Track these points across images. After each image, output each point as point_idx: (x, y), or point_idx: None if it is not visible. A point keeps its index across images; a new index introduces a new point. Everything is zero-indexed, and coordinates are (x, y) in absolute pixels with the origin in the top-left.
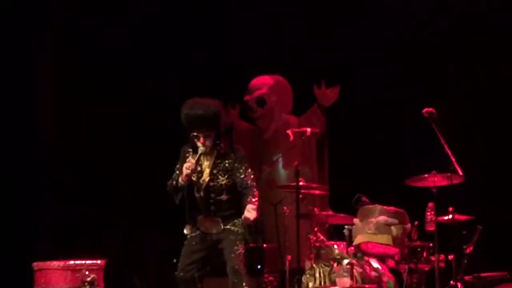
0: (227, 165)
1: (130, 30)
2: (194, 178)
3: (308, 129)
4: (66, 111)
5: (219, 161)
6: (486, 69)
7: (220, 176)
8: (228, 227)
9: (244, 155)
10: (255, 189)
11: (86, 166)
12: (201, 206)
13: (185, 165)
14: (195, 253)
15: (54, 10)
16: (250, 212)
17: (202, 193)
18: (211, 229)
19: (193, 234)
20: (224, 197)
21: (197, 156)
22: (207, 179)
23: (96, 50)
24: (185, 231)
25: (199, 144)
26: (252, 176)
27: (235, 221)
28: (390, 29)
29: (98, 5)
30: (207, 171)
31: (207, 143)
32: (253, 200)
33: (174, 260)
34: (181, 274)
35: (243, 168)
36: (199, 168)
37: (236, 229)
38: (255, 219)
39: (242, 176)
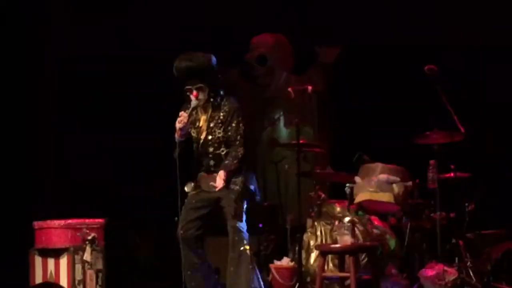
0: (222, 117)
1: None
2: (193, 134)
3: (309, 87)
4: None
5: (215, 114)
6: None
7: (216, 129)
8: (228, 185)
9: (237, 107)
10: (240, 148)
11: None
12: (201, 162)
13: (177, 119)
14: (195, 211)
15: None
16: (217, 181)
17: (201, 149)
18: (211, 187)
19: (193, 192)
20: (222, 150)
21: (190, 110)
22: (204, 133)
23: None
24: (185, 189)
25: (192, 97)
26: (242, 132)
27: (235, 179)
28: None
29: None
30: (204, 125)
31: (200, 96)
32: (229, 165)
33: (176, 219)
34: (181, 232)
35: (235, 122)
36: (197, 124)
37: (236, 187)
38: (225, 182)
39: (233, 131)
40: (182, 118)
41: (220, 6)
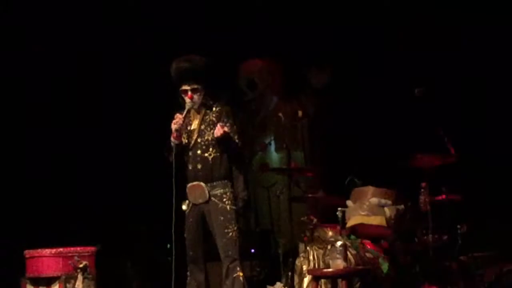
0: (214, 119)
1: None
2: (184, 139)
3: (300, 111)
4: None
5: (206, 116)
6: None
7: (206, 131)
8: (215, 200)
9: (230, 109)
10: (237, 141)
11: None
12: (189, 169)
13: (173, 121)
14: (197, 228)
15: None
16: (217, 129)
17: (190, 153)
18: (197, 198)
19: (188, 210)
20: (210, 154)
21: (185, 111)
22: (195, 136)
23: None
24: (183, 207)
25: (186, 99)
26: (237, 135)
27: (223, 194)
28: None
29: None
30: (195, 129)
31: (195, 98)
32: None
33: (168, 246)
34: (191, 253)
35: (230, 122)
36: (188, 127)
37: (224, 206)
38: (223, 135)
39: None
40: (177, 119)
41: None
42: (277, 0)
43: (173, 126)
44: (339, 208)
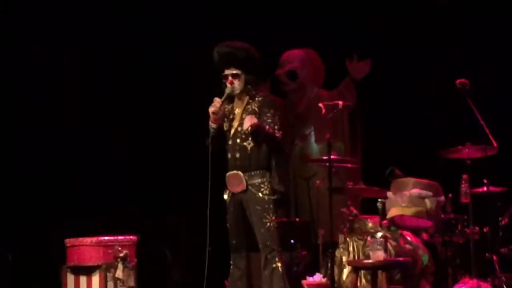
0: (256, 108)
1: None
2: (225, 128)
3: (340, 102)
4: None
5: (249, 105)
6: None
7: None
8: (253, 190)
9: (275, 100)
10: (277, 130)
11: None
12: (228, 157)
13: (212, 104)
14: (236, 219)
15: None
16: (246, 121)
17: (230, 141)
18: (236, 187)
19: (228, 199)
20: (249, 142)
21: (224, 96)
22: (236, 125)
23: None
24: (224, 197)
25: (227, 84)
26: (278, 125)
27: (261, 184)
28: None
29: None
30: (237, 117)
31: (236, 83)
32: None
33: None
34: (233, 242)
35: (271, 112)
36: (231, 116)
37: (262, 196)
38: (255, 126)
39: (269, 120)
40: (215, 102)
41: (250, 22)
42: None
43: (210, 109)
44: (379, 200)
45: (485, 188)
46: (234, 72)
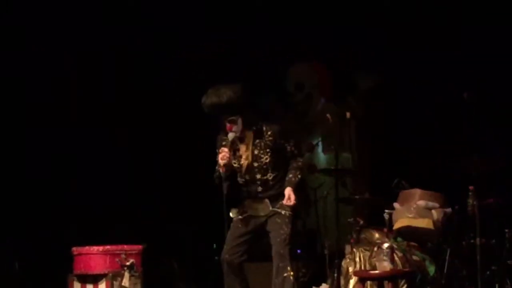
0: (269, 142)
1: None
2: (235, 165)
3: (348, 113)
4: None
5: (258, 140)
6: None
7: (262, 156)
8: (276, 209)
9: (280, 129)
10: (299, 158)
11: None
12: (247, 189)
13: (219, 156)
14: (241, 236)
15: None
16: (287, 200)
17: (247, 177)
18: (259, 212)
19: (239, 217)
20: (270, 175)
21: (229, 143)
22: (248, 162)
23: None
24: (231, 215)
25: (227, 130)
26: (293, 145)
27: (283, 202)
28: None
29: None
30: (246, 154)
31: (234, 128)
32: (293, 178)
33: (214, 246)
34: (227, 256)
35: (283, 140)
36: (237, 153)
37: (283, 211)
38: (295, 204)
39: (288, 148)
40: (224, 153)
41: (257, 32)
42: (326, 2)
43: (221, 162)
44: (386, 210)
45: (491, 200)
46: (229, 118)
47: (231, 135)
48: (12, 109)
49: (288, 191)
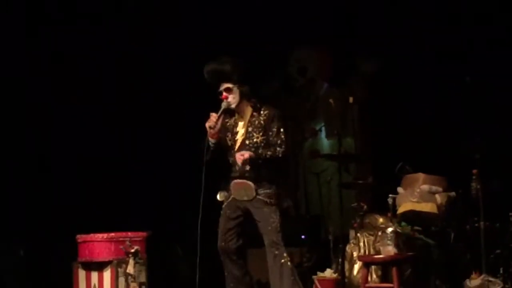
0: (262, 121)
1: None
2: (229, 141)
3: (351, 98)
4: None
5: (254, 118)
6: None
7: (255, 134)
8: (261, 197)
9: (277, 113)
10: (278, 149)
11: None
12: (235, 168)
13: (208, 120)
14: (232, 221)
15: None
16: (237, 156)
17: (236, 154)
18: (242, 196)
19: (227, 202)
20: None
21: (220, 111)
22: (242, 138)
23: None
24: (218, 198)
25: (223, 99)
26: (282, 137)
27: (269, 191)
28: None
29: None
30: (242, 131)
31: (230, 97)
32: (260, 152)
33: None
34: (222, 244)
35: (276, 127)
36: (234, 130)
37: (269, 200)
38: (247, 160)
39: (274, 135)
40: (211, 117)
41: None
42: None
43: (207, 124)
44: (389, 195)
45: (495, 183)
46: (226, 86)
47: (224, 104)
48: (11, 107)
49: (248, 153)
